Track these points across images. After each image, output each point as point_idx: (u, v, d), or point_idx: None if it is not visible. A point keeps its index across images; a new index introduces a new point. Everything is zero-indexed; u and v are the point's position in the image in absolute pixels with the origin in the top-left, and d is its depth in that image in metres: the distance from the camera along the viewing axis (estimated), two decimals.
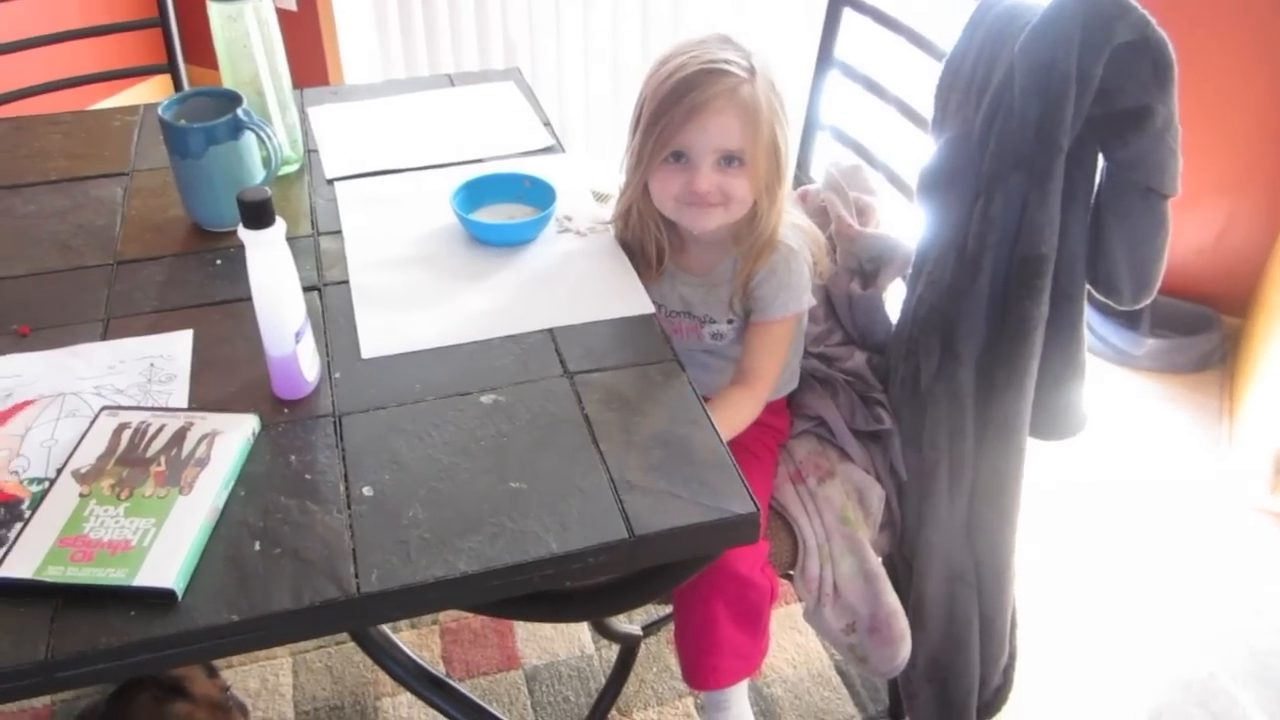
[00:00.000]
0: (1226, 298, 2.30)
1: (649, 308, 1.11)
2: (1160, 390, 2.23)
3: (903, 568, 1.30)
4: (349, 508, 0.87)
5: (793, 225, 1.21)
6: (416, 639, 1.68)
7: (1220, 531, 1.91)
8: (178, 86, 1.89)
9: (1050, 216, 1.08)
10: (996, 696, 1.39)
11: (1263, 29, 2.01)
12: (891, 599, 1.22)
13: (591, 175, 1.36)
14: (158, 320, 1.09)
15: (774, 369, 1.22)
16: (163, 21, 1.84)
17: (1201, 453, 2.08)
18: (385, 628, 1.23)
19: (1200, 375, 2.26)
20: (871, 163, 1.49)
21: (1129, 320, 2.27)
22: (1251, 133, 2.12)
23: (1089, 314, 1.17)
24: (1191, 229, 2.25)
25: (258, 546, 0.84)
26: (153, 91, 3.07)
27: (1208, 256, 2.28)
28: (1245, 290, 2.28)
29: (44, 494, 0.86)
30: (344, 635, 1.65)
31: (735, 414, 1.18)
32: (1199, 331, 2.26)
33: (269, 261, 0.91)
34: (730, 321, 1.24)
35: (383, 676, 1.61)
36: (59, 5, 1.93)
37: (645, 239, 1.21)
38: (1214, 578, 1.82)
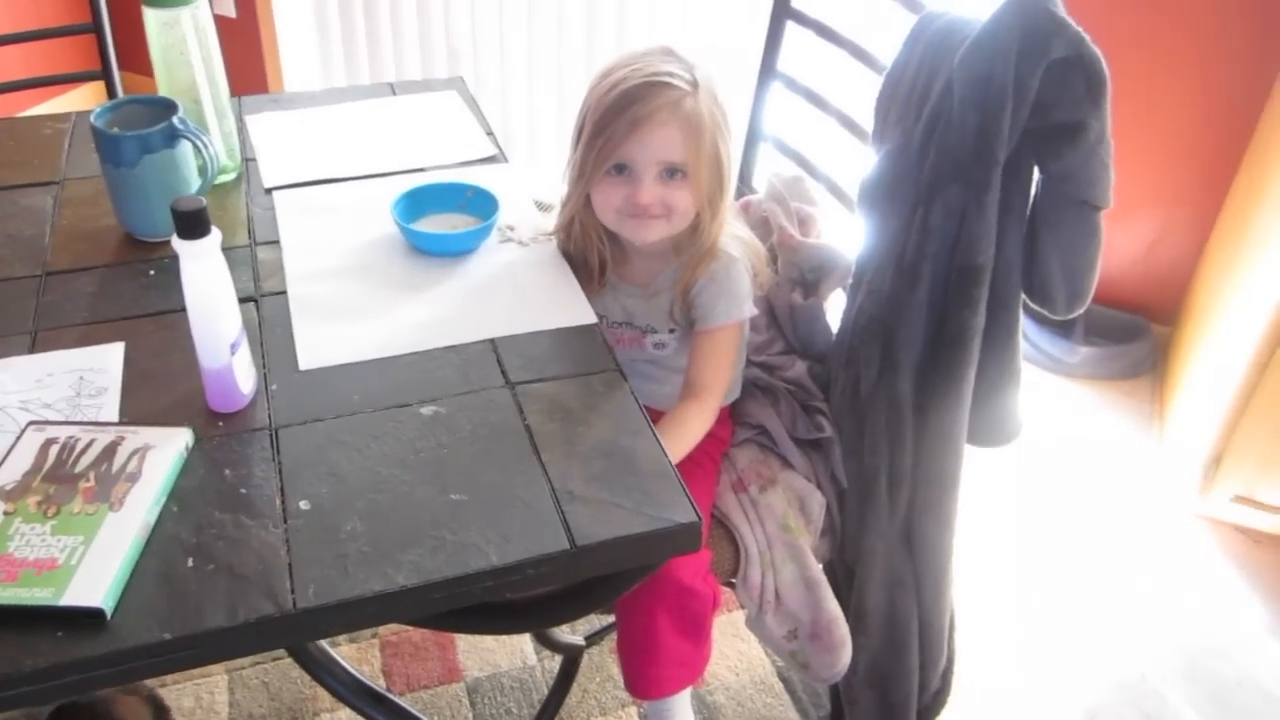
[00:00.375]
0: (1156, 307, 2.35)
1: (591, 318, 1.11)
2: (1093, 397, 2.28)
3: (843, 574, 1.31)
4: (285, 522, 0.86)
5: (733, 236, 1.21)
6: (356, 653, 1.66)
7: (1153, 535, 1.95)
8: (111, 94, 1.86)
9: (987, 227, 1.10)
10: (935, 700, 1.40)
11: (1194, 47, 2.07)
12: (832, 605, 1.23)
13: (534, 185, 1.35)
14: (88, 333, 1.06)
15: (722, 378, 1.22)
16: (96, 27, 1.80)
17: (1134, 457, 2.13)
18: (324, 642, 1.22)
19: (1132, 382, 2.31)
20: (813, 174, 1.51)
21: (1063, 329, 2.32)
22: (1181, 149, 2.18)
23: (1024, 323, 1.19)
24: (1123, 241, 2.30)
25: (191, 563, 0.82)
26: (84, 99, 3.01)
27: (1139, 268, 2.33)
28: (1174, 300, 2.34)
29: None
30: (281, 651, 1.63)
31: (687, 429, 1.18)
32: (1130, 340, 2.32)
33: (203, 272, 0.90)
34: (672, 331, 1.24)
35: (321, 692, 1.58)
36: None
37: (588, 250, 1.21)
38: (1147, 580, 1.86)
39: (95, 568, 0.79)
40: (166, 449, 0.90)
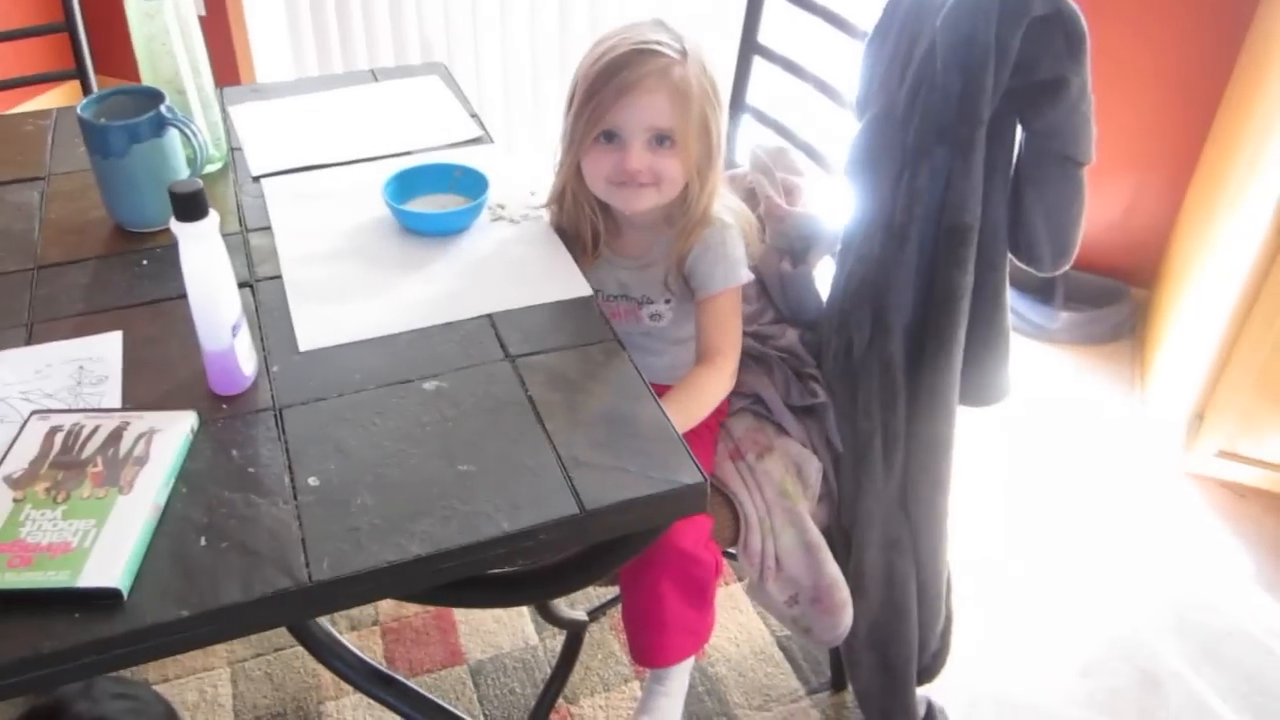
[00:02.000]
0: (1134, 271, 2.38)
1: (586, 290, 1.11)
2: (1075, 361, 2.31)
3: (841, 538, 1.32)
4: (295, 498, 0.86)
5: (725, 206, 1.22)
6: (358, 640, 1.66)
7: (1139, 493, 1.98)
8: (87, 93, 1.84)
9: (974, 186, 1.11)
10: (935, 660, 1.42)
11: (1164, 10, 2.09)
12: (833, 569, 1.24)
13: (522, 165, 1.36)
14: (84, 323, 1.06)
15: (731, 340, 1.22)
16: (69, 27, 1.79)
17: (1118, 419, 2.16)
18: (329, 627, 1.22)
19: (1112, 346, 2.34)
20: (797, 145, 1.52)
21: (1043, 294, 2.35)
22: (1155, 111, 2.20)
23: None
24: (1100, 205, 2.32)
25: (203, 542, 0.82)
26: (55, 101, 2.98)
27: (1115, 231, 2.36)
28: (1152, 263, 2.37)
29: None
30: (283, 640, 1.63)
31: (701, 393, 1.19)
32: (1109, 304, 2.35)
33: (203, 254, 0.90)
34: (668, 301, 1.25)
35: (325, 680, 1.59)
36: None
37: (580, 222, 1.21)
38: (1135, 537, 1.89)
39: (109, 549, 0.79)
40: (172, 432, 0.90)
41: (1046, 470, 2.04)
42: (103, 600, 0.77)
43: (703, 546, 1.17)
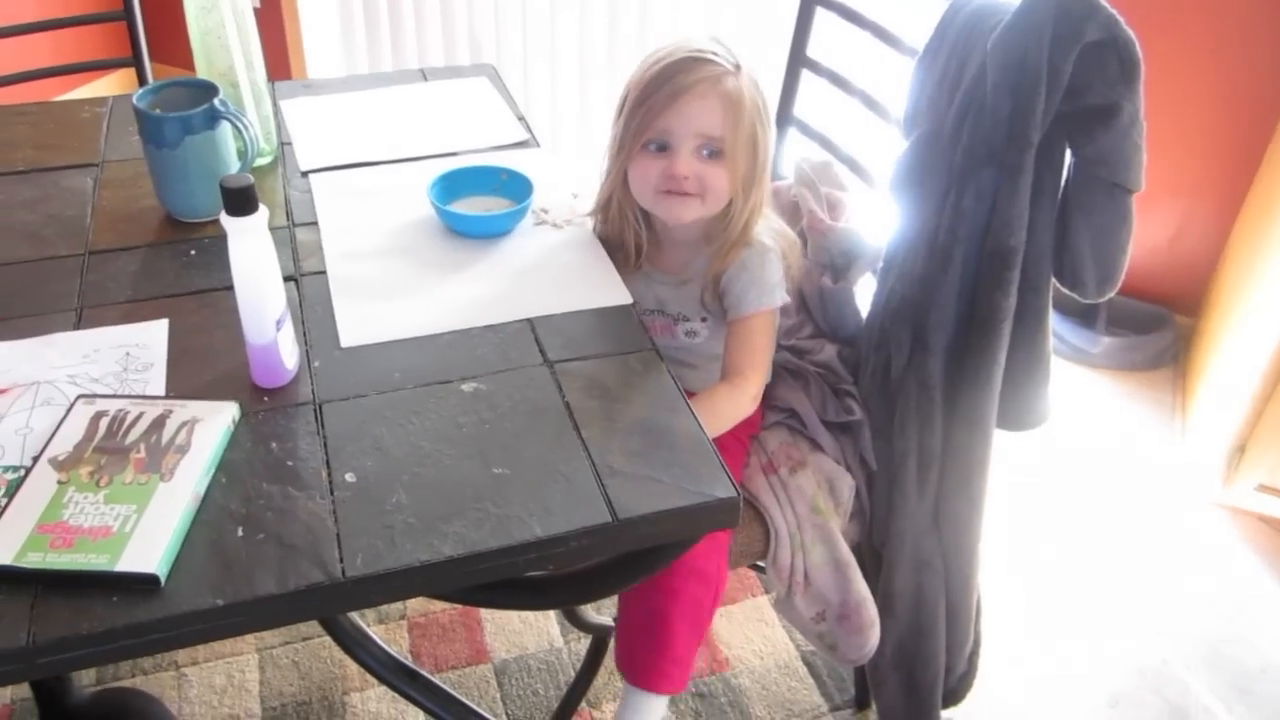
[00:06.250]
0: (1179, 298, 2.35)
1: (627, 298, 1.12)
2: (1116, 387, 2.28)
3: (872, 556, 1.32)
4: (332, 493, 0.87)
5: (768, 227, 1.22)
6: (384, 633, 1.67)
7: (1175, 523, 1.95)
8: (142, 81, 1.87)
9: (1020, 210, 1.10)
10: (961, 683, 1.41)
11: (1218, 38, 2.07)
12: (861, 587, 1.24)
13: (567, 170, 1.36)
14: (132, 310, 1.08)
15: (757, 362, 1.21)
16: (128, 15, 1.82)
17: (1156, 447, 2.13)
18: (359, 621, 1.23)
19: (1154, 373, 2.31)
20: (842, 159, 1.52)
21: (1086, 319, 2.32)
22: (1204, 139, 2.18)
23: None
24: (1146, 231, 2.29)
25: (240, 532, 0.83)
26: (108, 87, 3.02)
27: (1162, 258, 2.33)
28: (1197, 291, 2.34)
29: (20, 481, 0.85)
30: (311, 630, 1.65)
31: (716, 409, 1.16)
32: (1153, 330, 2.32)
33: (251, 248, 0.91)
34: (704, 319, 1.25)
35: (351, 671, 1.60)
36: None
37: (624, 232, 1.22)
38: (1169, 568, 1.87)
39: (149, 535, 0.80)
40: (214, 422, 0.91)
41: (1081, 496, 2.02)
42: (141, 585, 0.78)
43: (711, 560, 1.16)
